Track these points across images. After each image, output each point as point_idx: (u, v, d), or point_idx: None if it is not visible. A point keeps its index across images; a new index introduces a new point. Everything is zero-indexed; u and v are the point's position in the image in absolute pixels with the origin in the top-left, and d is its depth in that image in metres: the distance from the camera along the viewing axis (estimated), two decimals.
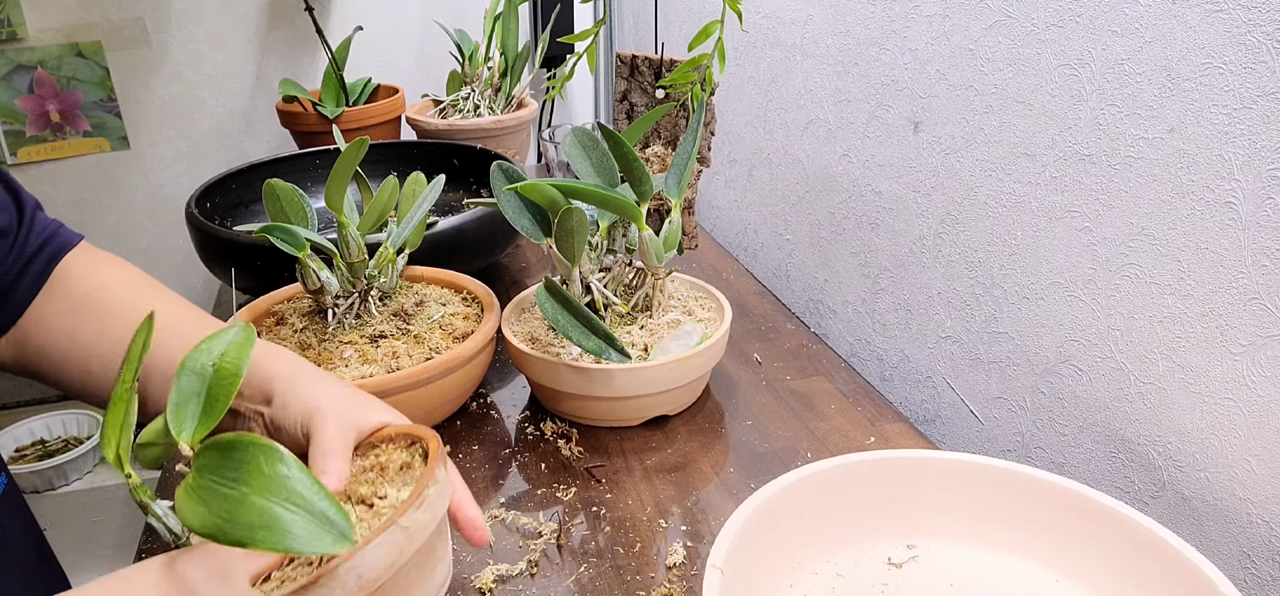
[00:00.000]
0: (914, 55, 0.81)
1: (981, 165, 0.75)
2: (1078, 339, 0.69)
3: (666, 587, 0.60)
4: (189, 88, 1.60)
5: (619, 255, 0.80)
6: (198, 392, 0.42)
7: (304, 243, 0.73)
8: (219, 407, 0.41)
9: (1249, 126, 0.54)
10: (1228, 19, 0.54)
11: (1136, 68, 0.60)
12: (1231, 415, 0.58)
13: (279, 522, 0.35)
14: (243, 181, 1.10)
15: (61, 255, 0.64)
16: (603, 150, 0.74)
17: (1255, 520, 0.57)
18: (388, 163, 1.19)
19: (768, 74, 1.09)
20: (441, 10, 1.68)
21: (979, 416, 0.81)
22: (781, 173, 1.09)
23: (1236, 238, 0.56)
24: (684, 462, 0.73)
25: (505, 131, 1.35)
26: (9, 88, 1.50)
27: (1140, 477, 0.66)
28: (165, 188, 1.64)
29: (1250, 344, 0.56)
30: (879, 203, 0.90)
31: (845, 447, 0.75)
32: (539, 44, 1.54)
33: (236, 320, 0.77)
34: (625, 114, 0.90)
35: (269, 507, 0.35)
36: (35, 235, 0.63)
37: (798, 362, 0.89)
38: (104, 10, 1.51)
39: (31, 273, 0.62)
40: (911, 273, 0.87)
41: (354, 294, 0.78)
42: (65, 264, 0.64)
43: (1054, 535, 0.58)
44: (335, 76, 1.45)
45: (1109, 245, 0.65)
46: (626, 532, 0.65)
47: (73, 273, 0.64)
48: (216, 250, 0.92)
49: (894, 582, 0.58)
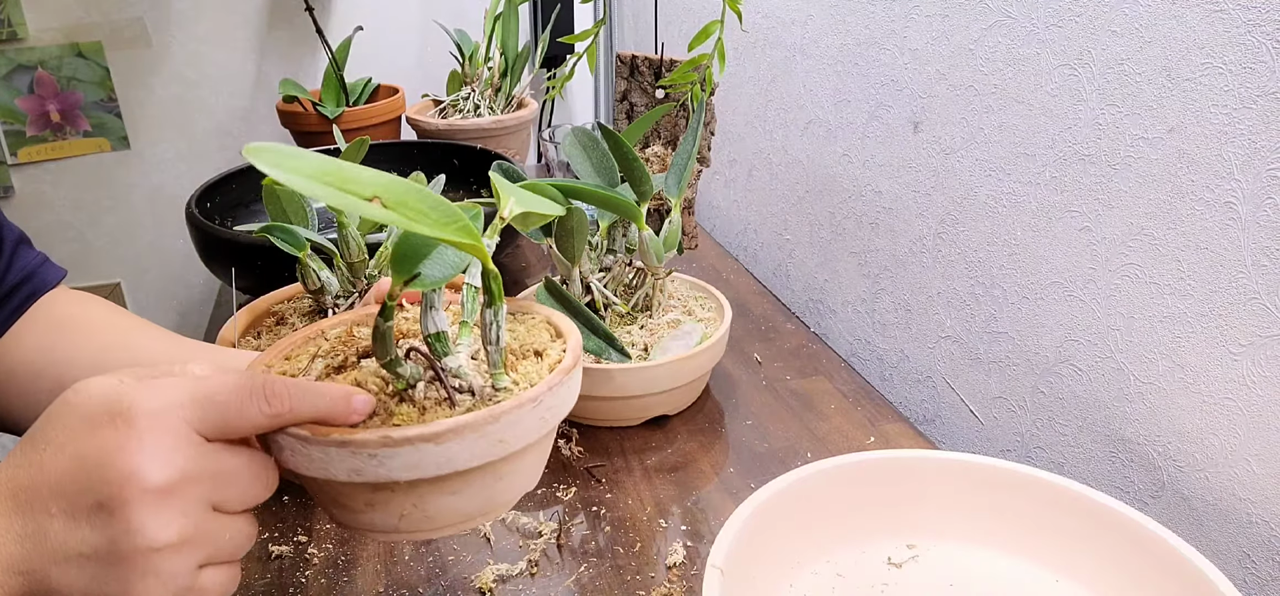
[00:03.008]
0: (914, 55, 0.81)
1: (981, 165, 0.75)
2: (1078, 338, 0.69)
3: (666, 587, 0.60)
4: (189, 88, 1.60)
5: (619, 255, 0.80)
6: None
7: (304, 242, 0.73)
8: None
9: (1249, 126, 0.54)
10: (1228, 19, 0.54)
11: (1136, 68, 0.60)
12: (1231, 415, 0.58)
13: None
14: (243, 181, 1.10)
15: (41, 293, 0.62)
16: (603, 150, 0.74)
17: (1255, 520, 0.57)
18: (388, 163, 1.19)
19: (768, 74, 1.09)
20: (441, 10, 1.68)
21: (979, 416, 0.81)
22: (781, 173, 1.09)
23: (1236, 237, 0.56)
24: (684, 462, 0.73)
25: (505, 131, 1.35)
26: (9, 88, 1.50)
27: (1140, 477, 0.65)
28: (165, 188, 1.64)
29: (1250, 344, 0.56)
30: (879, 202, 0.90)
31: (845, 447, 0.75)
32: (539, 44, 1.54)
33: (236, 320, 0.77)
34: (625, 114, 0.90)
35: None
36: (15, 270, 0.61)
37: (798, 362, 0.89)
38: (104, 10, 1.51)
39: (8, 308, 0.60)
40: (911, 272, 0.87)
41: (354, 294, 0.78)
42: (45, 299, 0.62)
43: (1054, 535, 0.58)
44: (335, 76, 1.45)
45: (1109, 245, 0.65)
46: (626, 532, 0.65)
47: (53, 306, 0.62)
48: (216, 250, 0.92)
49: (894, 582, 0.58)
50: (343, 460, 0.37)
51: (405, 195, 0.33)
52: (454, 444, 0.37)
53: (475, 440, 0.38)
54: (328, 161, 0.32)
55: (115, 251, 1.64)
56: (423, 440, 0.37)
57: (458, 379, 0.41)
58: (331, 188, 0.31)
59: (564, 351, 0.44)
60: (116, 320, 0.63)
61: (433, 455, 0.37)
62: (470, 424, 0.37)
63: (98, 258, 1.64)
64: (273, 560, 0.64)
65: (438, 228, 0.33)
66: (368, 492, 0.38)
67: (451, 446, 0.37)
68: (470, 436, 0.38)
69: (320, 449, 0.37)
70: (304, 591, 0.61)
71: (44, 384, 0.59)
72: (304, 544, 0.66)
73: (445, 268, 0.38)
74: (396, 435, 0.36)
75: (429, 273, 0.38)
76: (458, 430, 0.37)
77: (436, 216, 0.33)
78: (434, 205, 0.34)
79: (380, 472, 0.37)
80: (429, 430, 0.37)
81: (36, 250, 0.64)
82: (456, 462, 0.38)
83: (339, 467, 0.37)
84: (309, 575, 0.63)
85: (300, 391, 0.37)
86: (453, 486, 0.39)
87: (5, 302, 0.60)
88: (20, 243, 0.63)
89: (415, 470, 0.37)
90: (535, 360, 0.44)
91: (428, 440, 0.37)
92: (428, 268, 0.38)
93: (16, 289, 0.61)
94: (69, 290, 0.64)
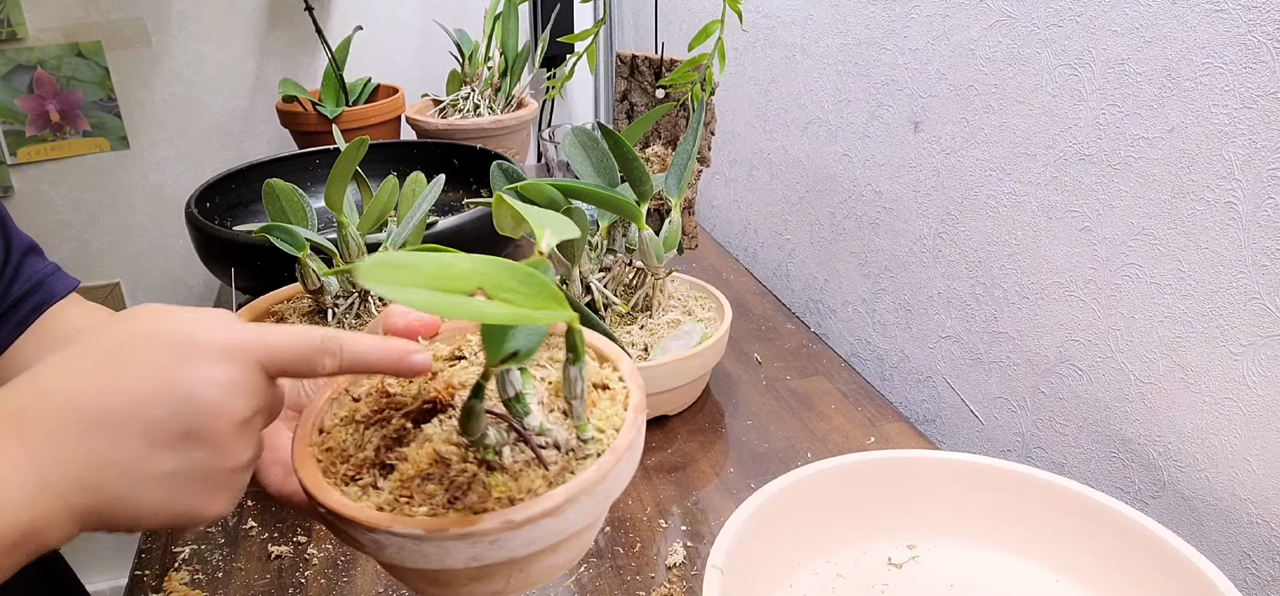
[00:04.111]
0: (914, 55, 0.81)
1: (981, 165, 0.75)
2: (1078, 338, 0.69)
3: (666, 587, 0.60)
4: (189, 88, 1.60)
5: (619, 255, 0.80)
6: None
7: (304, 242, 0.73)
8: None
9: (1249, 126, 0.54)
10: (1228, 19, 0.54)
11: (1136, 67, 0.60)
12: (1231, 415, 0.58)
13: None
14: (243, 181, 1.10)
15: (49, 304, 0.61)
16: (603, 150, 0.74)
17: (1255, 519, 0.57)
18: (388, 162, 1.19)
19: (768, 74, 1.09)
20: (441, 10, 1.68)
21: (979, 416, 0.81)
22: (781, 173, 1.09)
23: (1236, 237, 0.55)
24: (684, 462, 0.73)
25: (505, 131, 1.35)
26: (9, 88, 1.50)
27: (1140, 477, 0.65)
28: (165, 188, 1.64)
29: (1250, 344, 0.56)
30: (879, 202, 0.90)
31: (845, 447, 0.75)
32: (539, 44, 1.54)
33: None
34: (625, 114, 0.90)
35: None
36: (22, 281, 0.60)
37: (798, 362, 0.89)
38: (104, 10, 1.51)
39: (13, 320, 0.60)
40: (911, 272, 0.87)
41: (354, 294, 0.78)
42: (54, 310, 0.61)
43: (1054, 535, 0.58)
44: (335, 76, 1.45)
45: (1109, 245, 0.65)
46: (626, 532, 0.65)
47: (61, 316, 0.61)
48: (216, 250, 0.92)
49: (894, 582, 0.58)
50: (462, 550, 0.36)
51: (501, 278, 0.33)
52: (571, 512, 0.37)
53: (588, 502, 0.37)
54: (432, 264, 0.32)
55: (115, 251, 1.64)
56: (544, 515, 0.36)
57: (541, 436, 0.40)
58: (438, 292, 0.32)
59: (620, 380, 0.43)
60: None
61: (551, 528, 0.37)
62: (584, 487, 0.37)
63: (97, 258, 1.64)
64: (272, 560, 0.64)
65: (537, 305, 0.33)
66: (474, 570, 0.38)
67: (569, 515, 0.37)
68: (585, 500, 0.37)
69: (436, 544, 0.36)
70: (304, 591, 0.61)
71: None
72: (303, 544, 0.66)
73: (533, 336, 0.37)
74: (518, 517, 0.35)
75: (523, 346, 0.37)
76: (573, 498, 0.37)
77: (532, 293, 0.34)
78: (526, 280, 0.34)
79: (499, 555, 0.36)
80: (549, 505, 0.36)
81: (48, 260, 0.64)
82: (570, 528, 0.37)
83: (457, 557, 0.36)
84: (308, 575, 0.63)
85: (365, 346, 0.39)
86: (560, 549, 0.39)
87: (12, 313, 0.60)
88: (29, 252, 0.62)
89: (533, 544, 0.37)
90: (602, 395, 0.43)
91: (549, 515, 0.36)
92: (518, 341, 0.37)
93: (24, 299, 0.60)
94: (80, 299, 0.64)
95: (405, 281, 0.31)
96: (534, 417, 0.40)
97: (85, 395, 0.35)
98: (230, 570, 0.64)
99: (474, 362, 0.45)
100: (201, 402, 0.36)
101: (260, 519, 0.69)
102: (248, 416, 0.37)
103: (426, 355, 0.40)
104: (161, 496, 0.36)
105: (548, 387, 0.43)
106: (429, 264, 0.32)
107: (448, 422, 0.41)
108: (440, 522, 0.36)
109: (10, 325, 0.60)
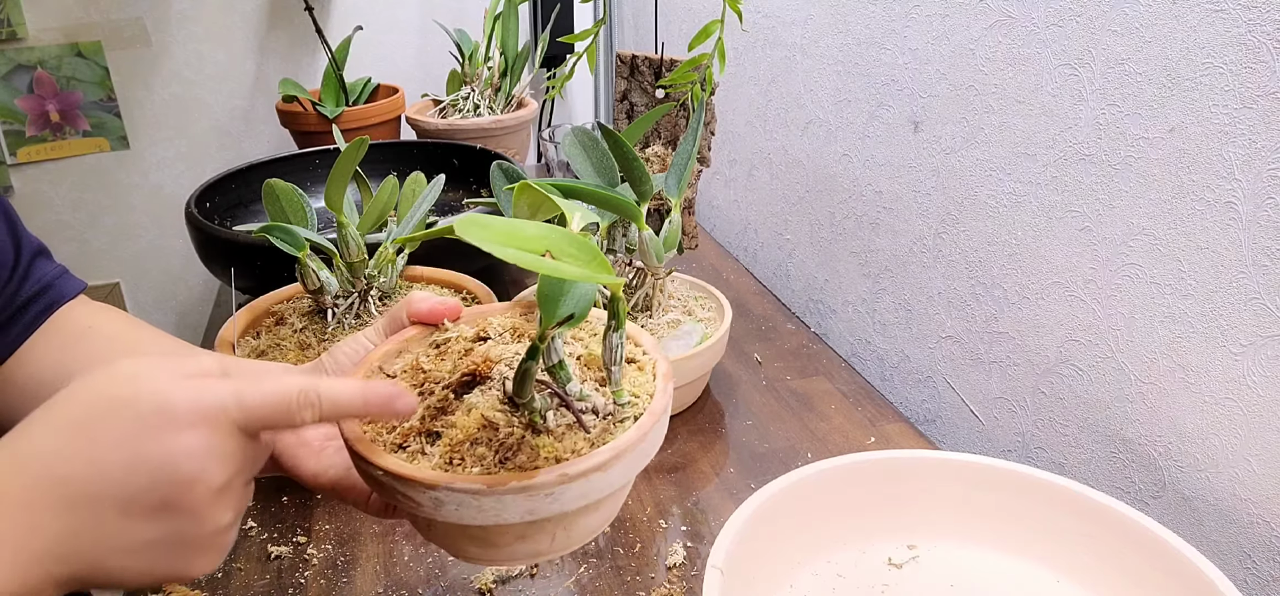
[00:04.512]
0: (914, 55, 0.81)
1: (981, 165, 0.75)
2: (1078, 339, 0.69)
3: (666, 588, 0.60)
4: (189, 88, 1.60)
5: (619, 255, 0.79)
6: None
7: (304, 242, 0.73)
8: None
9: (1249, 126, 0.54)
10: (1228, 19, 0.54)
11: (1136, 68, 0.60)
12: (1231, 415, 0.58)
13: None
14: (243, 181, 1.10)
15: (57, 305, 0.61)
16: (603, 150, 0.74)
17: (1255, 519, 0.57)
18: (388, 162, 1.19)
19: (768, 74, 1.09)
20: (441, 10, 1.68)
21: (979, 416, 0.81)
22: (781, 173, 1.09)
23: (1237, 237, 0.55)
24: (684, 462, 0.73)
25: (505, 131, 1.35)
26: (9, 88, 1.50)
27: (1140, 477, 0.65)
28: (165, 188, 1.64)
29: (1250, 344, 0.56)
30: (879, 202, 0.90)
31: (845, 447, 0.75)
32: (539, 44, 1.54)
33: (236, 320, 0.77)
34: (625, 114, 0.90)
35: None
36: (31, 282, 0.60)
37: (798, 362, 0.89)
38: (104, 10, 1.51)
39: (22, 322, 0.59)
40: (912, 272, 0.87)
41: (353, 294, 0.78)
42: (62, 312, 0.61)
43: (1054, 535, 0.58)
44: (335, 76, 1.45)
45: (1109, 245, 0.65)
46: (626, 532, 0.65)
47: (68, 318, 0.61)
48: (216, 250, 0.92)
49: (894, 582, 0.58)
50: (518, 505, 0.38)
51: (561, 243, 0.36)
52: (616, 468, 0.39)
53: (631, 459, 0.40)
54: (507, 227, 0.35)
55: (114, 251, 1.64)
56: (595, 469, 0.38)
57: (581, 402, 0.42)
58: (519, 250, 0.34)
59: (645, 354, 0.46)
60: (127, 332, 0.62)
61: (598, 483, 0.39)
62: (629, 445, 0.39)
63: (97, 258, 1.64)
64: (272, 560, 0.64)
65: (590, 269, 0.35)
66: (523, 527, 0.39)
67: (614, 471, 0.39)
68: (630, 457, 0.39)
69: (495, 498, 0.37)
70: (303, 592, 0.61)
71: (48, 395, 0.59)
72: (303, 544, 0.66)
73: (583, 301, 0.40)
74: (573, 471, 0.37)
75: (577, 309, 0.40)
76: (620, 454, 0.39)
77: (586, 259, 0.36)
78: (582, 247, 0.36)
79: (553, 509, 0.38)
80: (599, 460, 0.38)
81: (56, 262, 0.63)
82: (613, 484, 0.40)
83: (514, 511, 0.38)
84: (308, 576, 0.63)
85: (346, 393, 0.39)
86: (602, 506, 0.41)
87: (21, 315, 0.60)
88: (38, 255, 0.62)
89: (583, 498, 0.39)
90: (628, 367, 0.45)
91: (598, 469, 0.38)
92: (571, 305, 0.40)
93: (33, 301, 0.60)
94: (88, 301, 0.64)
95: (492, 240, 0.33)
96: (575, 384, 0.42)
97: (61, 465, 0.35)
98: (230, 570, 0.63)
99: (500, 342, 0.47)
100: (176, 474, 0.35)
101: (260, 519, 0.69)
102: (224, 482, 0.37)
103: (412, 399, 0.40)
104: (142, 564, 0.36)
105: (577, 362, 0.46)
106: (504, 226, 0.35)
107: (489, 392, 0.43)
108: (499, 477, 0.37)
109: (20, 326, 0.60)
